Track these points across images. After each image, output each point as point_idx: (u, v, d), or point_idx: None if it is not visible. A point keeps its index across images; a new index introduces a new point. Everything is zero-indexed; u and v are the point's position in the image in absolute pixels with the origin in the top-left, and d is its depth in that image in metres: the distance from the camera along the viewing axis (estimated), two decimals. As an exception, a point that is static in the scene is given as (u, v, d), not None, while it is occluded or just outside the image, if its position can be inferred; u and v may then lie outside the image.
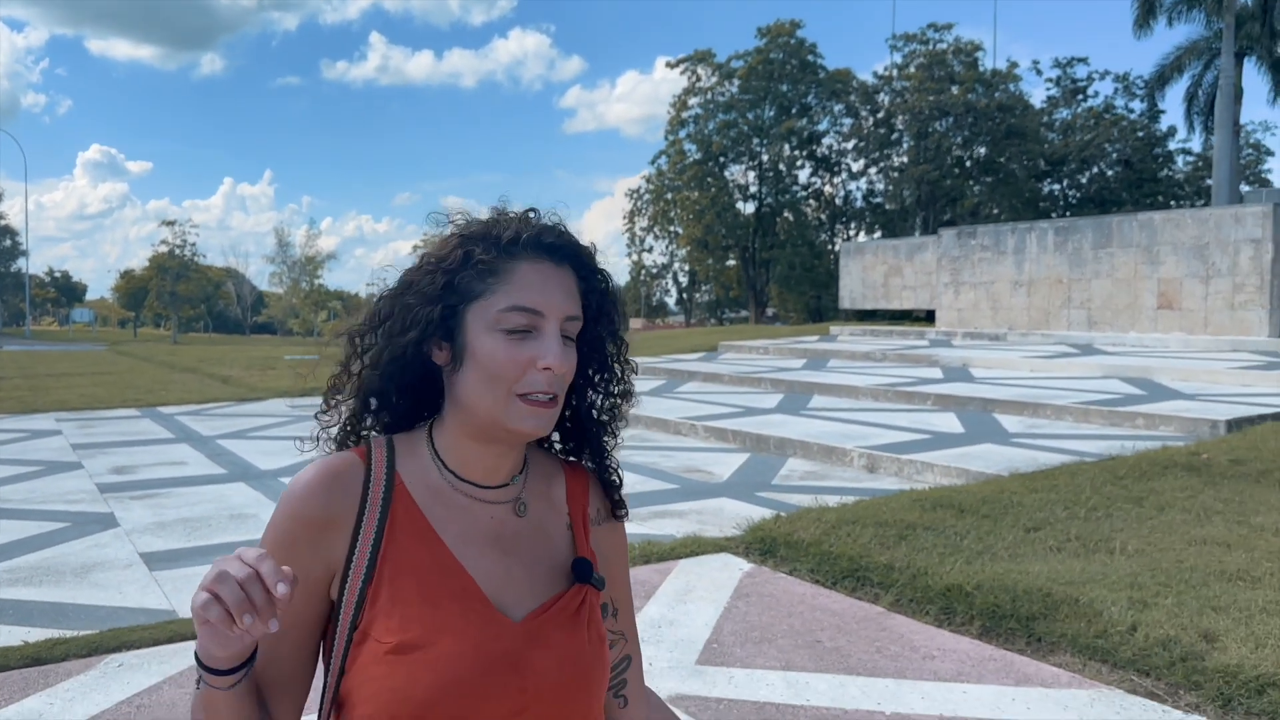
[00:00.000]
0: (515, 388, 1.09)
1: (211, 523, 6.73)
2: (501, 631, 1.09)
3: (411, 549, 1.11)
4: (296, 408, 14.15)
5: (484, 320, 1.10)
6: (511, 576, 1.13)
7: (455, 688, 1.04)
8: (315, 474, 1.12)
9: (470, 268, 1.11)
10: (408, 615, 1.06)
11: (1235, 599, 4.32)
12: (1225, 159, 31.12)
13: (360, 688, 1.06)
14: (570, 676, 1.11)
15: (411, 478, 1.14)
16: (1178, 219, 15.39)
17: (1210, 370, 11.73)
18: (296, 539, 1.09)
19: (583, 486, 1.25)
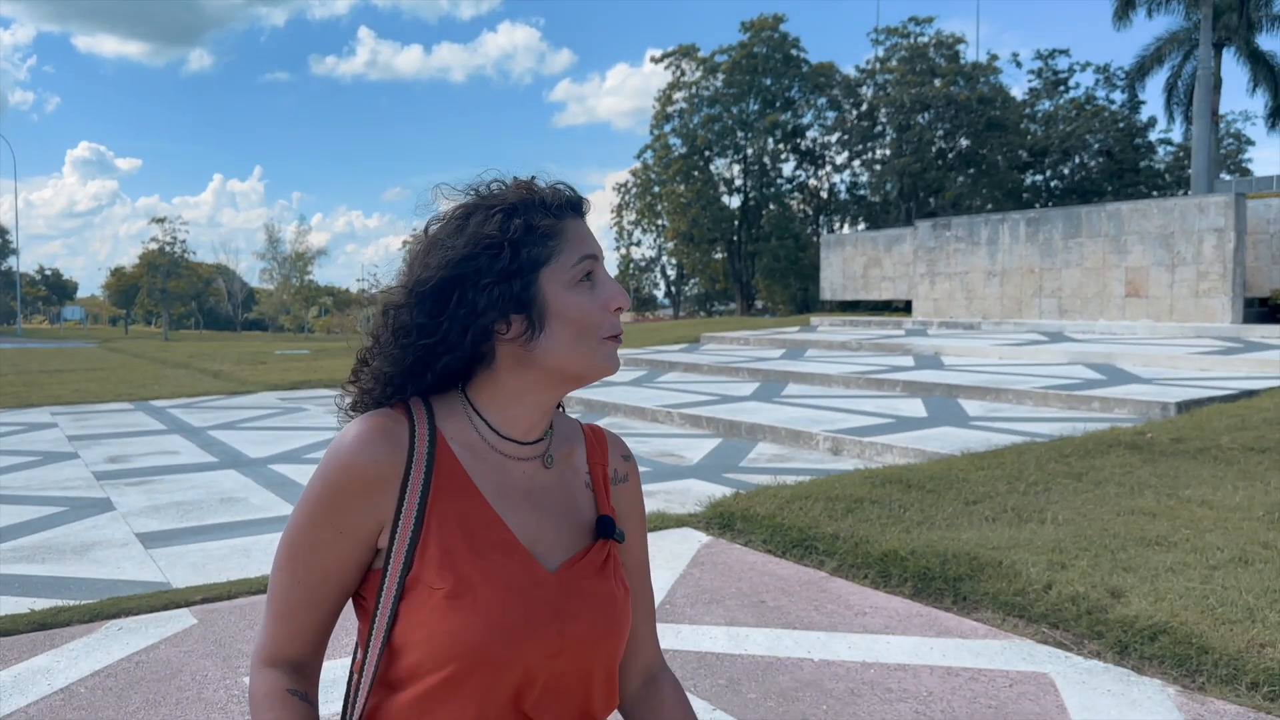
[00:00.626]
0: (602, 332, 1.17)
1: (203, 506, 7.08)
2: (541, 581, 1.16)
3: (456, 502, 1.16)
4: (286, 400, 14.50)
5: (561, 280, 1.16)
6: (544, 530, 1.20)
7: (502, 632, 1.11)
8: (363, 429, 1.16)
9: (535, 235, 1.15)
10: (457, 565, 1.12)
11: (1146, 561, 4.70)
12: (1204, 149, 31.54)
13: (412, 631, 1.11)
14: (601, 623, 1.19)
15: (451, 434, 1.19)
16: (1144, 209, 15.79)
17: (1170, 356, 12.13)
18: (348, 491, 1.14)
19: (602, 448, 1.33)
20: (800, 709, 3.50)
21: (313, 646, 1.22)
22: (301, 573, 1.16)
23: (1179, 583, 4.35)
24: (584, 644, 1.17)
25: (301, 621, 1.18)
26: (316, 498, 1.15)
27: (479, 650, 1.10)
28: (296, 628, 1.19)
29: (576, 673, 1.18)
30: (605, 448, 1.33)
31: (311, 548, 1.16)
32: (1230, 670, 3.62)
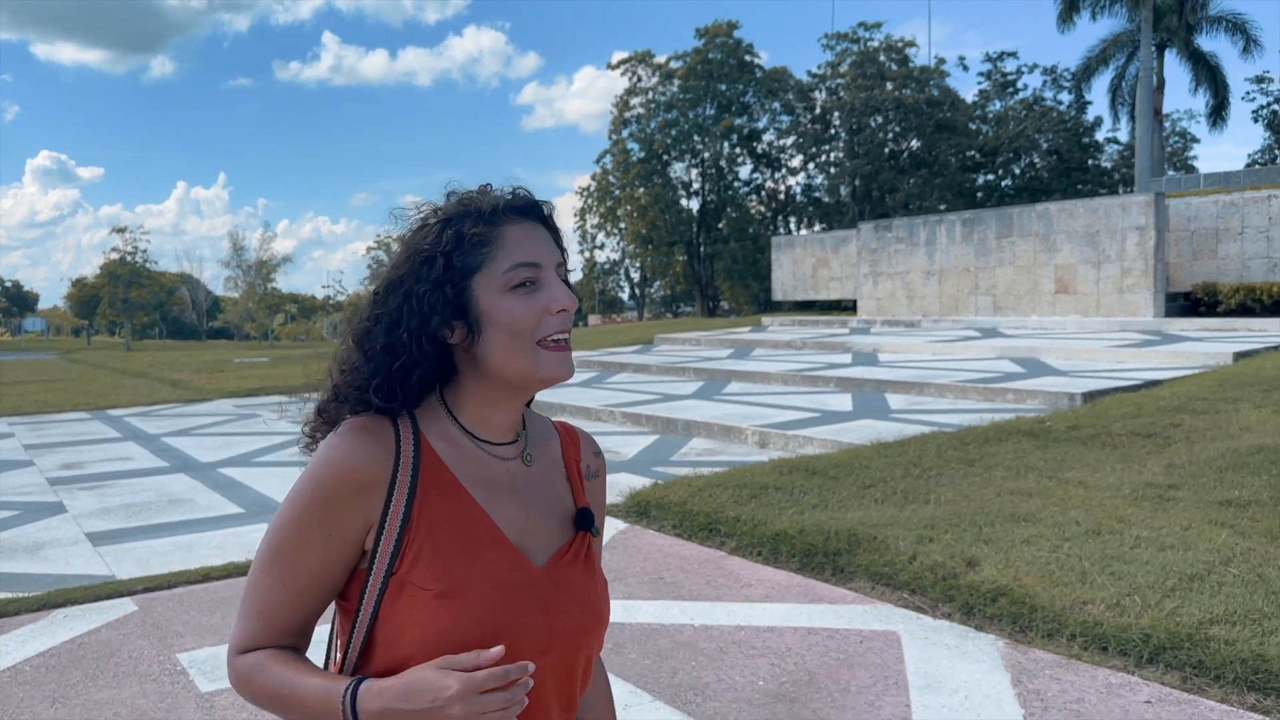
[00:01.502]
0: (535, 335, 1.18)
1: (151, 507, 7.43)
2: (530, 577, 1.19)
3: (443, 502, 1.18)
4: (242, 407, 14.79)
5: (492, 286, 1.18)
6: (531, 524, 1.23)
7: (493, 629, 1.13)
8: (351, 433, 1.18)
9: (465, 244, 1.18)
10: (447, 564, 1.14)
11: (1007, 534, 5.19)
12: (1146, 148, 32.43)
13: (402, 632, 1.13)
14: (586, 616, 1.23)
15: (434, 437, 1.22)
16: (1071, 209, 16.43)
17: (1090, 349, 12.72)
18: (337, 495, 1.15)
19: (574, 443, 1.36)
20: (671, 665, 3.95)
21: (293, 643, 1.21)
22: (287, 575, 1.17)
23: (1029, 552, 4.84)
24: (571, 637, 1.21)
25: (283, 622, 1.19)
26: (305, 501, 1.16)
27: (468, 648, 1.11)
28: (278, 628, 1.19)
29: (564, 667, 1.21)
30: (578, 443, 1.37)
31: (298, 550, 1.17)
32: (1054, 625, 4.11)
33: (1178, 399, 9.05)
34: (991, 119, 39.23)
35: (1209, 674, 3.60)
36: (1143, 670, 3.72)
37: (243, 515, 7.08)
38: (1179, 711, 3.40)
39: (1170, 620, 3.91)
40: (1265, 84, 37.73)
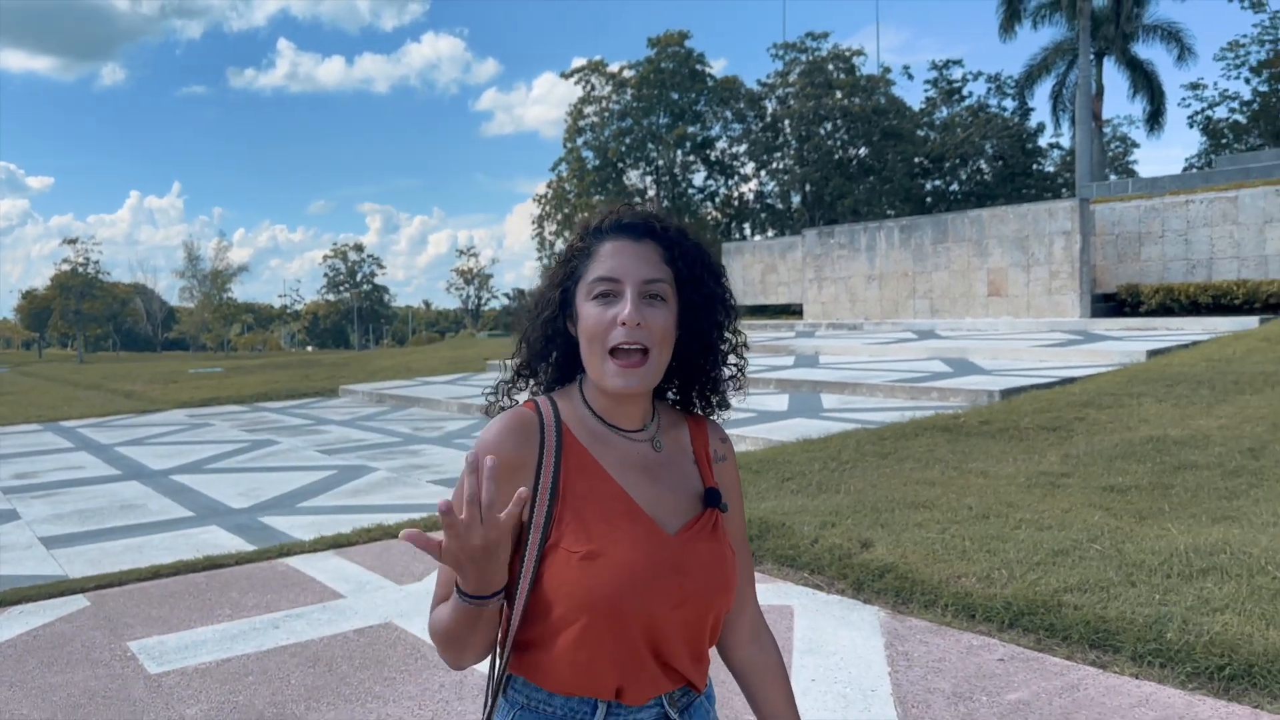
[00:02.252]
0: (606, 343, 1.32)
1: (104, 512, 7.69)
2: (663, 542, 1.33)
3: (584, 479, 1.34)
4: (194, 416, 14.98)
5: (583, 293, 1.36)
6: (662, 499, 1.37)
7: (633, 586, 1.28)
8: (502, 424, 1.36)
9: (576, 256, 1.39)
10: (590, 531, 1.30)
11: (903, 519, 5.64)
12: (1086, 153, 33.38)
13: (556, 589, 1.29)
14: (715, 578, 1.36)
15: (573, 423, 1.38)
16: (1002, 215, 17.09)
17: (1015, 349, 13.30)
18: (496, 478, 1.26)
19: (702, 431, 1.49)
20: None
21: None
22: None
23: (919, 534, 5.29)
24: (701, 596, 1.34)
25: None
26: None
27: (612, 600, 1.27)
28: None
29: (697, 621, 1.35)
30: (706, 431, 1.49)
31: None
32: (931, 597, 4.55)
33: (1086, 395, 9.60)
34: (939, 126, 40.10)
35: (1058, 635, 4.06)
36: (1002, 633, 4.17)
37: (192, 518, 7.37)
38: (1026, 667, 3.85)
39: (1030, 590, 4.36)
40: (1200, 90, 38.92)
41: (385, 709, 3.72)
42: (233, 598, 5.22)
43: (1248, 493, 5.95)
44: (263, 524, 7.05)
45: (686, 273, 1.38)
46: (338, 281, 79.43)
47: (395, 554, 5.98)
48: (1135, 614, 4.00)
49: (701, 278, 1.40)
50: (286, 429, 12.86)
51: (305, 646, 4.43)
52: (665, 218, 1.40)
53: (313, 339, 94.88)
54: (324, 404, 16.18)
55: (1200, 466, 6.58)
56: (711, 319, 1.42)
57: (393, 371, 20.92)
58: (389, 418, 13.73)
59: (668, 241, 1.37)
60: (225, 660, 4.28)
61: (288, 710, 3.72)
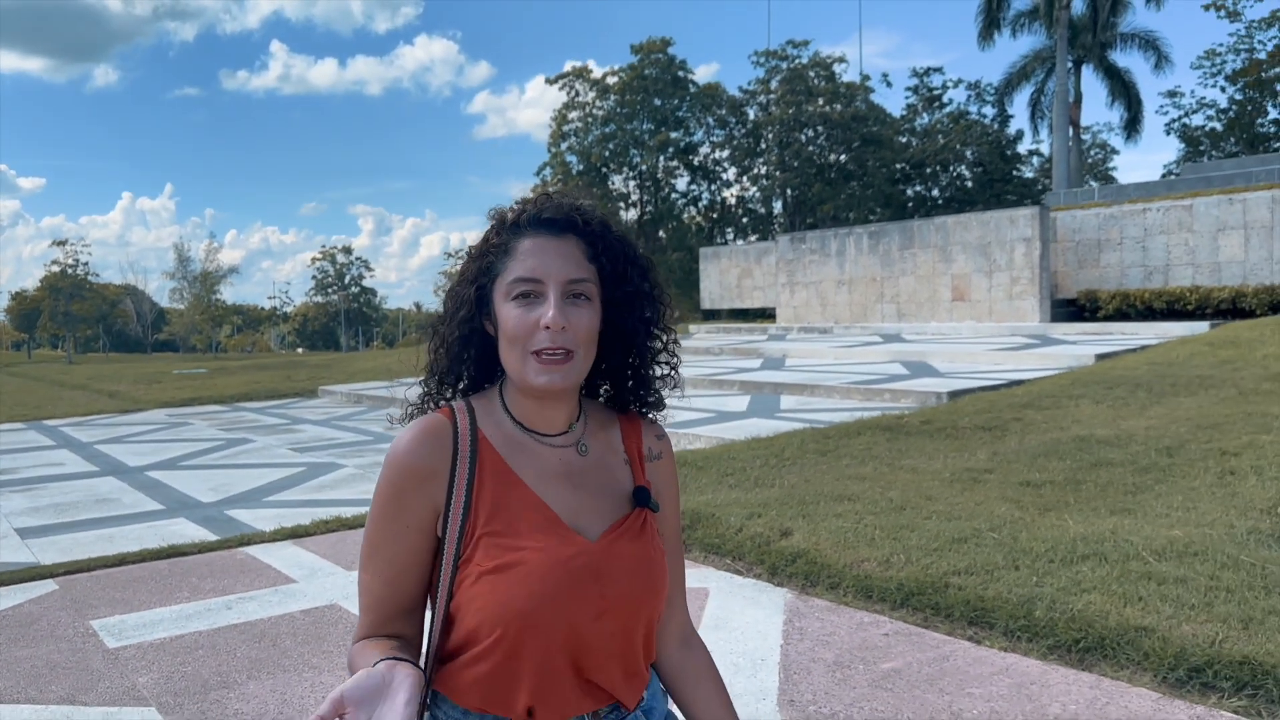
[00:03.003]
0: (529, 346, 1.26)
1: (78, 505, 8.02)
2: (581, 549, 1.27)
3: (499, 489, 1.28)
4: (174, 416, 15.29)
5: (501, 293, 1.29)
6: (583, 505, 1.31)
7: (547, 596, 1.23)
8: (414, 433, 1.30)
9: (492, 252, 1.31)
10: (502, 543, 1.25)
11: (826, 510, 6.01)
12: (1062, 160, 33.92)
13: (468, 604, 1.24)
14: (640, 583, 1.30)
15: (490, 430, 1.32)
16: (965, 222, 17.51)
17: (972, 353, 13.70)
18: (404, 488, 1.27)
19: (636, 429, 1.43)
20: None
21: (402, 628, 1.33)
22: (380, 568, 1.30)
23: (836, 524, 5.66)
24: (626, 603, 1.28)
25: (388, 610, 1.32)
26: (382, 499, 1.30)
27: (526, 615, 1.22)
28: (385, 615, 1.32)
29: (622, 632, 1.28)
30: (639, 428, 1.43)
31: (384, 543, 1.29)
32: (835, 579, 4.93)
33: (1029, 396, 9.99)
34: (920, 132, 40.58)
35: (941, 613, 4.43)
36: (893, 611, 4.55)
37: (163, 511, 7.70)
38: (907, 640, 4.22)
39: (923, 573, 4.74)
40: (1178, 98, 39.45)
41: (320, 678, 4.08)
42: (192, 582, 5.57)
43: (1152, 488, 6.34)
44: (229, 516, 7.39)
45: (611, 269, 1.32)
46: (326, 284, 79.67)
47: (349, 543, 6.33)
48: (1011, 594, 4.37)
49: (626, 274, 1.33)
50: (262, 428, 13.19)
51: (254, 625, 4.78)
52: (588, 209, 1.32)
53: (303, 341, 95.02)
54: (303, 404, 16.50)
55: (1115, 464, 6.97)
56: (638, 316, 1.36)
57: (373, 373, 21.25)
58: (364, 417, 14.06)
59: (591, 236, 1.31)
60: (179, 636, 4.63)
61: (231, 679, 4.08)
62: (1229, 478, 6.42)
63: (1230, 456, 6.96)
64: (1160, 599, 4.17)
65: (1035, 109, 38.14)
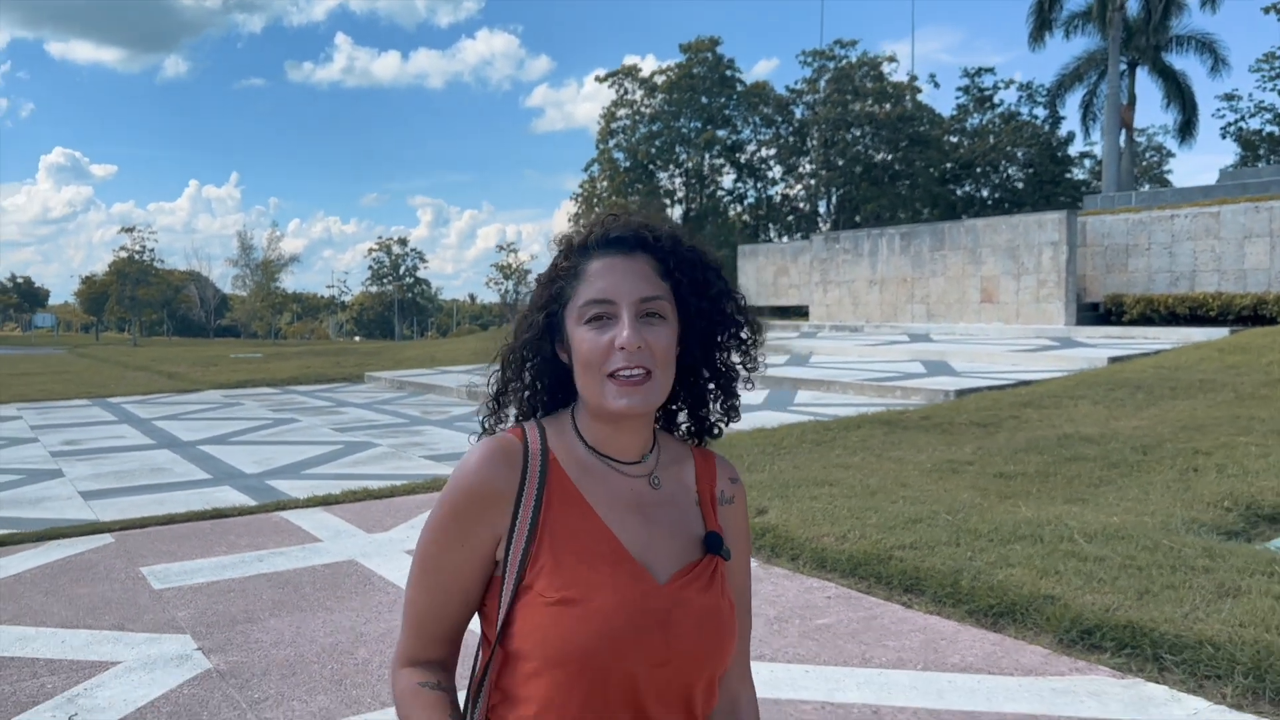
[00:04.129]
0: (605, 369, 1.22)
1: (136, 474, 8.80)
2: (649, 591, 1.22)
3: (567, 515, 1.24)
4: (229, 396, 16.20)
5: (573, 318, 1.25)
6: (654, 542, 1.26)
7: (610, 639, 1.18)
8: (483, 452, 1.27)
9: (561, 277, 1.28)
10: (568, 574, 1.20)
11: (804, 493, 6.53)
12: (1112, 162, 33.72)
13: (526, 636, 1.20)
14: (708, 635, 1.24)
15: (562, 453, 1.28)
16: (995, 225, 17.78)
17: (991, 354, 14.04)
18: (468, 511, 1.24)
19: (710, 469, 1.37)
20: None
21: (444, 651, 1.31)
22: (431, 587, 1.27)
23: (809, 505, 6.19)
24: (690, 656, 1.22)
25: (432, 631, 1.29)
26: (441, 517, 1.26)
27: (587, 656, 1.17)
28: (428, 636, 1.29)
29: (681, 684, 1.23)
30: (714, 469, 1.38)
31: (439, 563, 1.26)
32: (796, 551, 5.46)
33: (1032, 396, 10.37)
34: (970, 133, 40.55)
35: (883, 581, 4.95)
36: (841, 579, 5.07)
37: (210, 480, 8.45)
38: (845, 603, 4.75)
39: (872, 547, 5.25)
40: (1234, 101, 38.94)
41: (331, 616, 4.72)
42: (230, 539, 6.27)
43: (1115, 481, 6.76)
44: (269, 486, 8.11)
45: (687, 283, 1.29)
46: (381, 274, 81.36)
47: (373, 511, 7.00)
48: (944, 566, 4.88)
49: (706, 283, 1.31)
50: (309, 409, 13.99)
51: (280, 574, 5.45)
52: (656, 225, 1.30)
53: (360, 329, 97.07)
54: (349, 389, 17.33)
55: (1088, 459, 7.39)
56: (722, 325, 1.34)
57: (418, 361, 22.08)
58: (404, 402, 14.81)
59: (661, 252, 1.28)
60: (215, 581, 5.31)
61: (255, 615, 4.74)
62: (1190, 474, 6.82)
63: (1201, 455, 7.34)
64: (1074, 573, 4.65)
65: (1087, 111, 37.89)
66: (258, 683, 3.92)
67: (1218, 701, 3.56)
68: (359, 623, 4.63)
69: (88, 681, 3.94)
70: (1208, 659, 3.76)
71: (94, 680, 3.95)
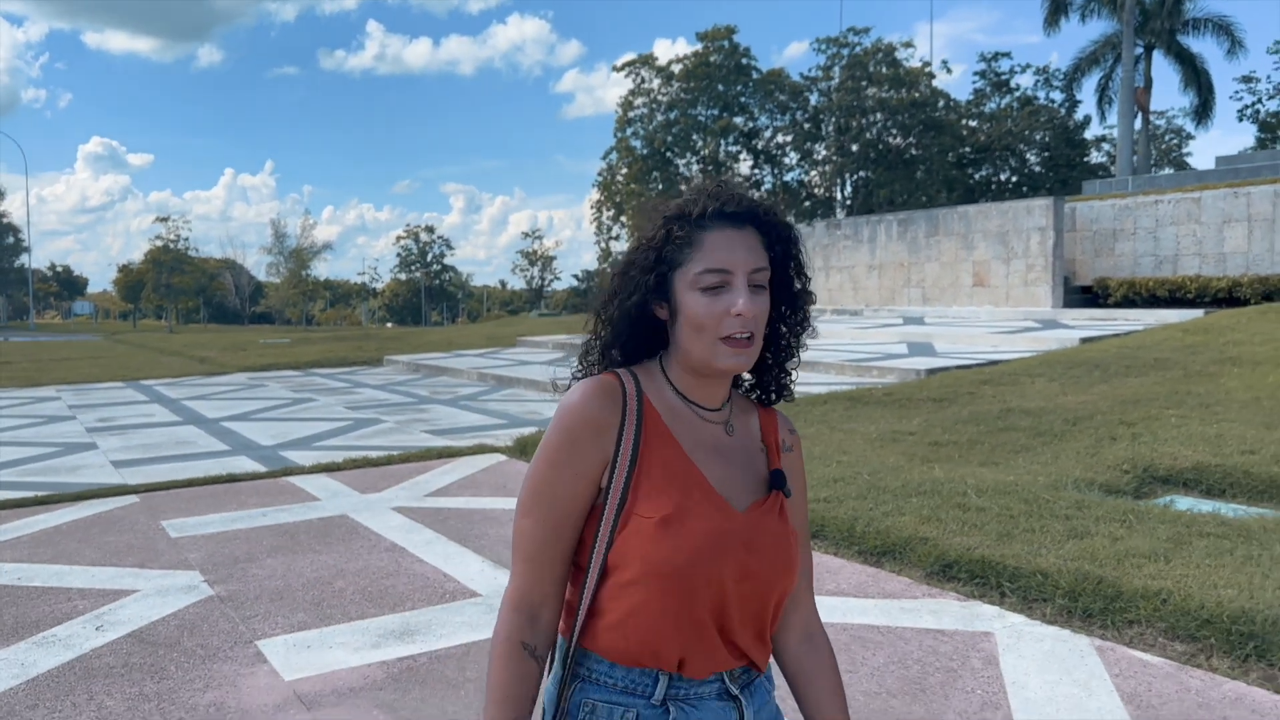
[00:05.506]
0: (718, 332, 1.35)
1: (162, 446, 9.71)
2: (732, 516, 1.38)
3: (660, 450, 1.39)
4: (254, 379, 17.16)
5: (686, 283, 1.37)
6: (731, 478, 1.42)
7: (704, 555, 1.33)
8: (590, 388, 1.40)
9: (672, 243, 1.39)
10: (665, 500, 1.35)
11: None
12: (1126, 145, 33.99)
13: (630, 552, 1.33)
14: (780, 556, 1.41)
15: (653, 396, 1.43)
16: (986, 211, 18.34)
17: (974, 336, 14.66)
18: (579, 437, 1.37)
19: (773, 421, 1.54)
20: (458, 526, 6.12)
21: (553, 589, 1.41)
22: (545, 513, 1.38)
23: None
24: (766, 573, 1.39)
25: (545, 562, 1.39)
26: (555, 445, 1.38)
27: (683, 569, 1.32)
28: (541, 569, 1.39)
29: (758, 598, 1.39)
30: (775, 421, 1.54)
31: (553, 489, 1.38)
32: (729, 507, 6.21)
33: (996, 374, 11.02)
34: (987, 117, 40.82)
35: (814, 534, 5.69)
36: (760, 529, 5.82)
37: (228, 451, 9.33)
38: (758, 547, 5.50)
39: (792, 501, 5.99)
40: (1252, 83, 38.91)
41: (319, 557, 5.55)
42: (240, 498, 7.12)
43: (1035, 449, 7.44)
44: (281, 456, 8.97)
45: (782, 258, 1.43)
46: (409, 261, 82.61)
47: (369, 476, 7.83)
48: (845, 516, 5.62)
49: (796, 260, 1.45)
50: (327, 390, 14.89)
51: (281, 526, 6.28)
52: (764, 202, 1.41)
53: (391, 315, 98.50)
54: (368, 371, 18.25)
55: (1019, 430, 8.06)
56: (799, 302, 1.48)
57: (436, 345, 22.98)
58: (417, 383, 15.68)
59: (766, 227, 1.40)
60: (223, 532, 6.16)
61: (255, 557, 5.57)
62: (1106, 442, 7.49)
63: (1124, 426, 7.99)
64: (954, 521, 5.37)
65: (1103, 95, 38.05)
66: (250, 604, 4.75)
67: (1035, 618, 4.29)
68: (341, 561, 5.45)
69: (111, 604, 4.79)
70: (1037, 586, 4.49)
71: (117, 604, 4.80)
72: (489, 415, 11.53)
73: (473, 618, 4.53)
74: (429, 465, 8.24)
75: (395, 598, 4.84)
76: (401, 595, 4.87)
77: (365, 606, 4.71)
